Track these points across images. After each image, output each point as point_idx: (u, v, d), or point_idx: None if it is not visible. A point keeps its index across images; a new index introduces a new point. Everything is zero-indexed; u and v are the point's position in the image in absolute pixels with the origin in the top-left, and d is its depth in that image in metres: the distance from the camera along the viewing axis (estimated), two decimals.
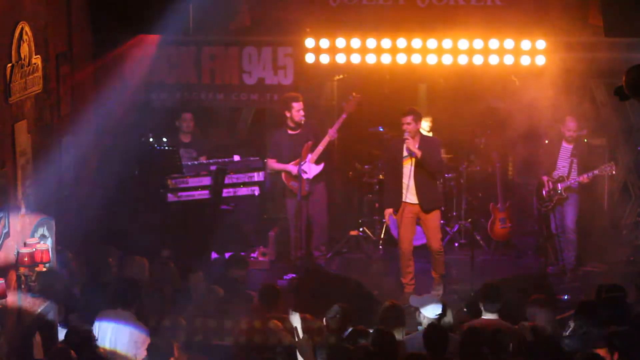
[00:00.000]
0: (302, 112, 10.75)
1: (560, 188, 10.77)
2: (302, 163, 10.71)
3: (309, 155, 10.76)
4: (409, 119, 10.17)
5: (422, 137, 10.42)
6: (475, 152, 12.37)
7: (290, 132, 10.86)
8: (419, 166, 10.20)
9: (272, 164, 10.98)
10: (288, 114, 10.85)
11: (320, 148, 10.79)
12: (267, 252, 11.41)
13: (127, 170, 10.25)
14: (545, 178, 10.89)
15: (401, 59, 11.38)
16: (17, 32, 7.57)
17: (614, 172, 10.82)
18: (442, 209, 11.07)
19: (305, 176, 10.74)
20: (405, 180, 10.22)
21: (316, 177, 10.85)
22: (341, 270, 11.15)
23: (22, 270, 7.33)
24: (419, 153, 10.12)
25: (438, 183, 11.08)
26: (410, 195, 10.26)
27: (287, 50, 11.85)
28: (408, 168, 10.23)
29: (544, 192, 10.89)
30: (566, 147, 10.89)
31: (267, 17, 11.66)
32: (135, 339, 7.38)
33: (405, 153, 10.26)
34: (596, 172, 10.73)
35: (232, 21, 11.76)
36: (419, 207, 10.28)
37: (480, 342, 6.91)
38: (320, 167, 10.85)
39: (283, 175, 10.95)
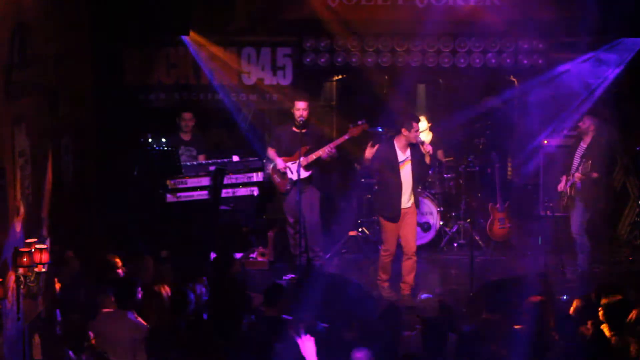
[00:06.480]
0: (300, 112, 10.68)
1: (568, 185, 10.69)
2: (292, 162, 10.70)
3: (302, 158, 10.72)
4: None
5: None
6: (475, 153, 12.36)
7: (294, 129, 10.81)
8: (409, 169, 9.89)
9: (270, 152, 11.02)
10: (293, 111, 10.83)
11: (313, 156, 10.75)
12: (266, 253, 11.40)
13: (127, 171, 10.24)
14: (564, 177, 10.76)
15: (400, 59, 11.37)
16: (17, 33, 7.55)
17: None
18: None
19: (289, 175, 10.76)
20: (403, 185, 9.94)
21: (306, 179, 10.83)
22: (340, 270, 11.14)
23: (21, 271, 7.31)
24: (430, 149, 9.89)
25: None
26: (405, 199, 9.97)
27: (286, 50, 11.86)
28: (406, 171, 9.93)
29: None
30: (581, 146, 10.77)
31: (266, 18, 11.65)
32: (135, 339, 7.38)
33: (402, 157, 9.94)
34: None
35: (231, 22, 11.76)
36: (413, 207, 9.99)
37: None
38: (308, 173, 10.80)
39: (271, 167, 10.99)
